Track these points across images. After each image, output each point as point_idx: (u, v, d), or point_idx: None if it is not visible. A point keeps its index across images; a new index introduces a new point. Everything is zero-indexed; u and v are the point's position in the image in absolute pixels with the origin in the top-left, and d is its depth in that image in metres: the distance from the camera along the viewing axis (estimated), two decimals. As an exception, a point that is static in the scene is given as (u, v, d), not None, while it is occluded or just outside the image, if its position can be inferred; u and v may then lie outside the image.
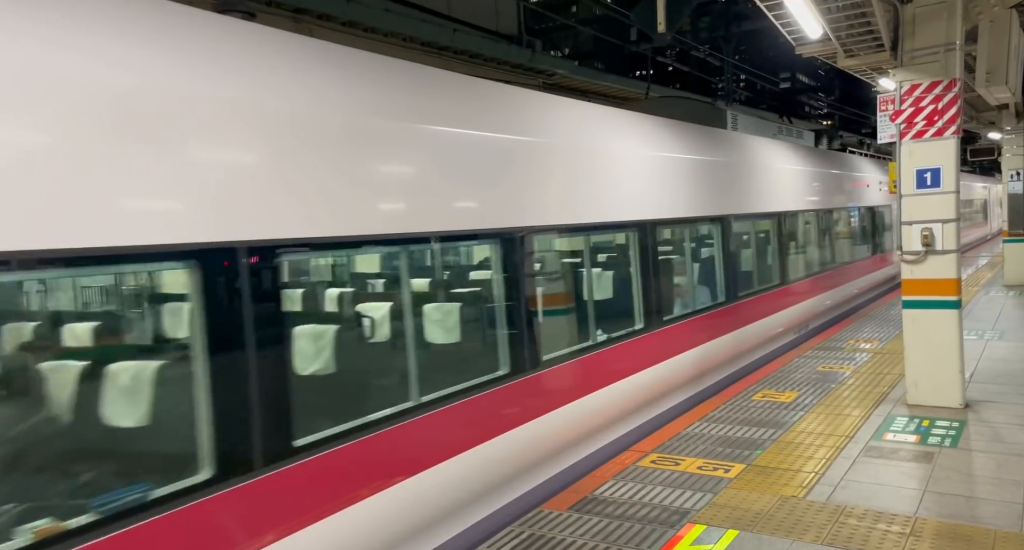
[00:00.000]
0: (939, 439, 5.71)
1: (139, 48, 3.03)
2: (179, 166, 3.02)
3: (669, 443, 5.92)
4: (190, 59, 3.20)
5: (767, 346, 9.66)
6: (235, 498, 3.11)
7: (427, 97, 4.58)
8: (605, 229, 6.41)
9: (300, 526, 3.38)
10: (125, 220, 2.82)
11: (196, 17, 3.43)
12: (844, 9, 5.91)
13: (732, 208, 8.54)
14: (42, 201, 2.58)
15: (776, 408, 6.81)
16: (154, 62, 3.05)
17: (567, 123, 5.98)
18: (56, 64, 2.70)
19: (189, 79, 3.14)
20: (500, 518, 4.78)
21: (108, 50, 2.92)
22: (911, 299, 6.64)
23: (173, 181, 3.00)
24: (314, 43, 4.07)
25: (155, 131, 2.96)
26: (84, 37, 2.86)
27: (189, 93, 3.11)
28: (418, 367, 4.24)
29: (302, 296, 5.00)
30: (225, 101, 3.24)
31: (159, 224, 2.94)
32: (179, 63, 3.14)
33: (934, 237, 6.43)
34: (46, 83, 2.65)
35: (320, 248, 3.78)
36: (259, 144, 3.35)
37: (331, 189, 3.70)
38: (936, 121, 6.35)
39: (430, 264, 5.73)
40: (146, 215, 2.90)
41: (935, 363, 6.55)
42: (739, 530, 4.29)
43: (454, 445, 4.39)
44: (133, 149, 2.87)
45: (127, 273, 4.03)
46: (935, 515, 4.36)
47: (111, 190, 2.79)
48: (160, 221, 2.95)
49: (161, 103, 2.99)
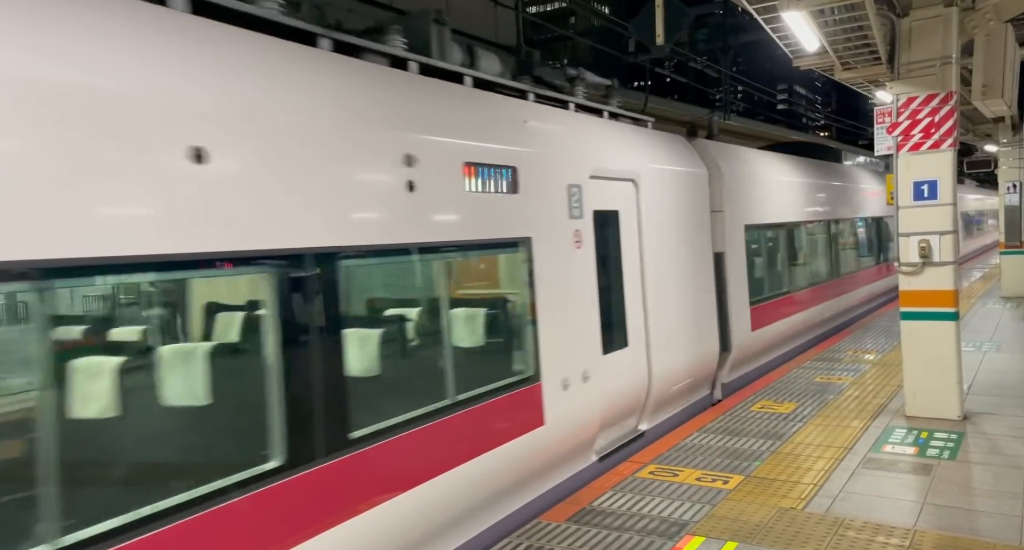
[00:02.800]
0: (938, 451, 5.71)
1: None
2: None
3: (667, 454, 5.91)
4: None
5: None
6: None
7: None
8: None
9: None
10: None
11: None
12: (841, 23, 5.95)
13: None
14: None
15: (775, 419, 6.80)
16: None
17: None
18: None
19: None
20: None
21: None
22: (909, 310, 6.65)
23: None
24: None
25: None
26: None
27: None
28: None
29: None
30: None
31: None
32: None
33: (931, 249, 6.45)
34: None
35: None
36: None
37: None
38: (933, 133, 6.39)
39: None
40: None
41: (933, 375, 6.55)
42: (738, 542, 4.27)
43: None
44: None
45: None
46: (934, 527, 4.35)
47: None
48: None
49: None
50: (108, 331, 3.02)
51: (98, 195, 2.71)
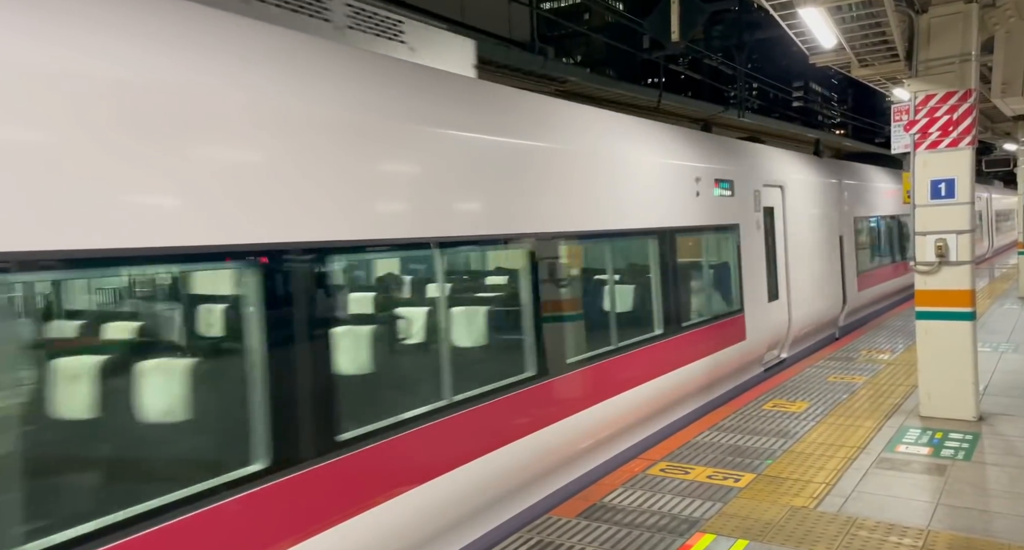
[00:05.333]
0: (952, 452, 5.66)
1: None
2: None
3: (678, 451, 5.90)
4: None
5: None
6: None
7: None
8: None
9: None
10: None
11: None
12: (858, 19, 5.90)
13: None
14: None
15: (787, 418, 6.77)
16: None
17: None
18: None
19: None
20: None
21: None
22: (925, 310, 6.59)
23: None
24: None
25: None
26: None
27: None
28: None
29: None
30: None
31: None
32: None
33: (948, 248, 6.38)
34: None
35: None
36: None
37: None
38: (951, 131, 6.32)
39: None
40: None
41: (949, 375, 6.49)
42: (749, 540, 4.27)
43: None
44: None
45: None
46: (948, 528, 4.32)
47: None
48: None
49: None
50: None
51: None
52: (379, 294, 4.34)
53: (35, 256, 2.43)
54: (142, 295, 3.08)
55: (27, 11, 2.56)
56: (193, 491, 2.84)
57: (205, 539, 2.84)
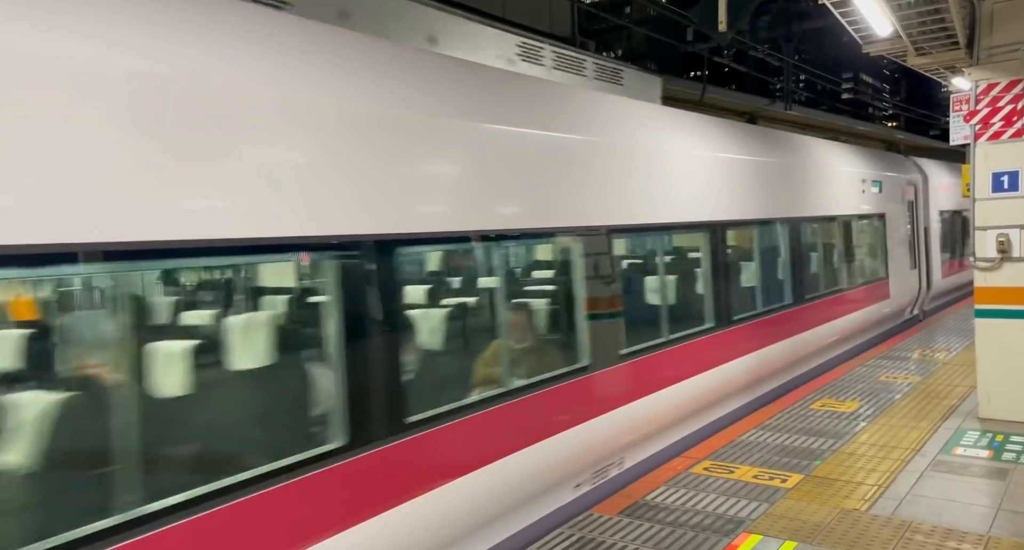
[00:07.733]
0: (1014, 455, 5.43)
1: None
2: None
3: (723, 450, 5.80)
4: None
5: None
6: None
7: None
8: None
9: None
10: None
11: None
12: (916, 6, 5.68)
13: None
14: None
15: (836, 418, 6.59)
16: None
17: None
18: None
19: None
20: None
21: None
22: (984, 308, 6.33)
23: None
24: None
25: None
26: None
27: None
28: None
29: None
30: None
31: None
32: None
33: (1011, 243, 6.12)
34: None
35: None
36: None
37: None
38: (1015, 122, 6.05)
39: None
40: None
41: (1010, 375, 6.22)
42: (797, 542, 4.17)
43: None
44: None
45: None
46: (1010, 534, 4.14)
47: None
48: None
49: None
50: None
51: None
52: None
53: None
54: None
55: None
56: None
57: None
